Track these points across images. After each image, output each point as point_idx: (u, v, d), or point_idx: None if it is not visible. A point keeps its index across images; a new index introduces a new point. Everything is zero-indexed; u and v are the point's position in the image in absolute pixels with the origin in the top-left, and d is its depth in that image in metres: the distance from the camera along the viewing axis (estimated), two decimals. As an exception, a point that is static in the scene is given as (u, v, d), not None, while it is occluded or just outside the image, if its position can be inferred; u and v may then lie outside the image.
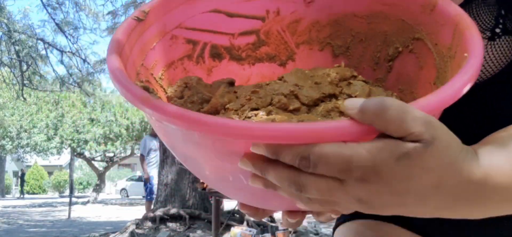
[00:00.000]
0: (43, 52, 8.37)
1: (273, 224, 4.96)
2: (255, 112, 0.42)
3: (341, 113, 0.41)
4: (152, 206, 6.30)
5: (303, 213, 0.42)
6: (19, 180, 23.42)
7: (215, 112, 0.46)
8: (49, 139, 17.12)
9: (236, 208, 6.13)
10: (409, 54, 0.48)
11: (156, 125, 0.38)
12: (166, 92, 0.51)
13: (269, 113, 0.42)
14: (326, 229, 5.92)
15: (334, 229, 0.69)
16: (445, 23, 0.41)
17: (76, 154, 16.99)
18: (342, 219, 0.67)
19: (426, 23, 0.44)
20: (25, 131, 17.23)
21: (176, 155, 0.40)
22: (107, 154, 17.94)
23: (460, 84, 0.33)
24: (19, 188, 23.62)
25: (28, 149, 18.44)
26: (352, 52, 0.54)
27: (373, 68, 0.52)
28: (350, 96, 0.43)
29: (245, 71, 0.57)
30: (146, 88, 0.45)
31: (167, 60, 0.52)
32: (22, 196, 22.71)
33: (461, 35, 0.38)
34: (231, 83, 0.52)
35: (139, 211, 9.53)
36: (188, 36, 0.53)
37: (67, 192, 23.04)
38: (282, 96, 0.43)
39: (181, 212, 5.76)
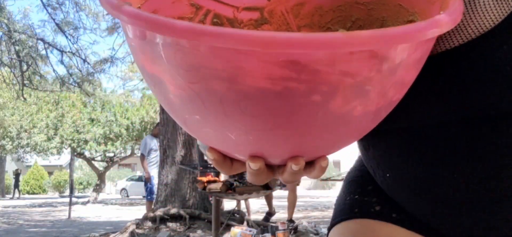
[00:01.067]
0: (43, 52, 8.37)
1: (273, 224, 4.96)
2: None
3: None
4: (152, 206, 6.31)
5: (267, 168, 0.41)
6: (14, 180, 23.40)
7: None
8: (49, 139, 17.13)
9: (236, 207, 6.14)
10: None
11: (131, 45, 0.38)
12: None
13: None
14: (326, 229, 5.92)
15: (329, 228, 0.67)
16: (435, 1, 0.42)
17: (76, 154, 17.00)
18: (339, 218, 0.65)
19: (419, 5, 0.45)
20: (25, 131, 17.24)
21: (146, 79, 0.40)
22: (107, 154, 17.96)
23: (422, 25, 0.32)
24: (12, 188, 23.62)
25: (28, 149, 18.46)
26: None
27: None
28: None
29: None
30: None
31: (167, 15, 0.51)
32: (17, 196, 22.66)
33: (446, 5, 0.38)
34: None
35: (139, 211, 9.53)
36: None
37: (67, 192, 23.04)
38: None
39: (181, 212, 5.77)
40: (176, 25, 0.30)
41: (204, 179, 3.93)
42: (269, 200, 6.13)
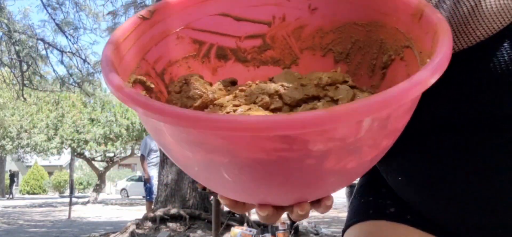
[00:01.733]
0: (43, 52, 8.37)
1: (273, 224, 4.96)
2: (235, 108, 0.44)
3: None
4: (152, 206, 6.31)
5: (276, 209, 0.44)
6: (9, 181, 23.35)
7: (204, 107, 0.48)
8: (49, 139, 17.10)
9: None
10: (400, 61, 0.48)
11: (138, 114, 0.40)
12: (167, 87, 0.52)
13: (248, 110, 0.43)
14: (326, 229, 5.92)
15: (344, 230, 0.67)
16: (428, 31, 0.42)
17: (76, 154, 16.99)
18: (354, 220, 0.65)
19: (414, 31, 0.45)
20: (25, 131, 17.22)
21: (158, 143, 0.42)
22: (107, 154, 17.93)
23: (404, 87, 0.32)
24: (7, 189, 23.57)
25: (28, 149, 18.42)
26: (351, 59, 0.55)
27: (369, 75, 0.53)
28: (332, 99, 0.44)
29: (250, 73, 0.58)
30: (142, 82, 0.47)
31: (171, 58, 0.53)
32: (11, 197, 22.60)
33: (437, 42, 0.39)
34: (233, 82, 0.53)
35: (139, 211, 9.53)
36: (195, 36, 0.54)
37: (67, 192, 23.02)
38: (266, 96, 0.45)
39: (181, 212, 5.77)
40: (169, 111, 0.32)
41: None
42: None
